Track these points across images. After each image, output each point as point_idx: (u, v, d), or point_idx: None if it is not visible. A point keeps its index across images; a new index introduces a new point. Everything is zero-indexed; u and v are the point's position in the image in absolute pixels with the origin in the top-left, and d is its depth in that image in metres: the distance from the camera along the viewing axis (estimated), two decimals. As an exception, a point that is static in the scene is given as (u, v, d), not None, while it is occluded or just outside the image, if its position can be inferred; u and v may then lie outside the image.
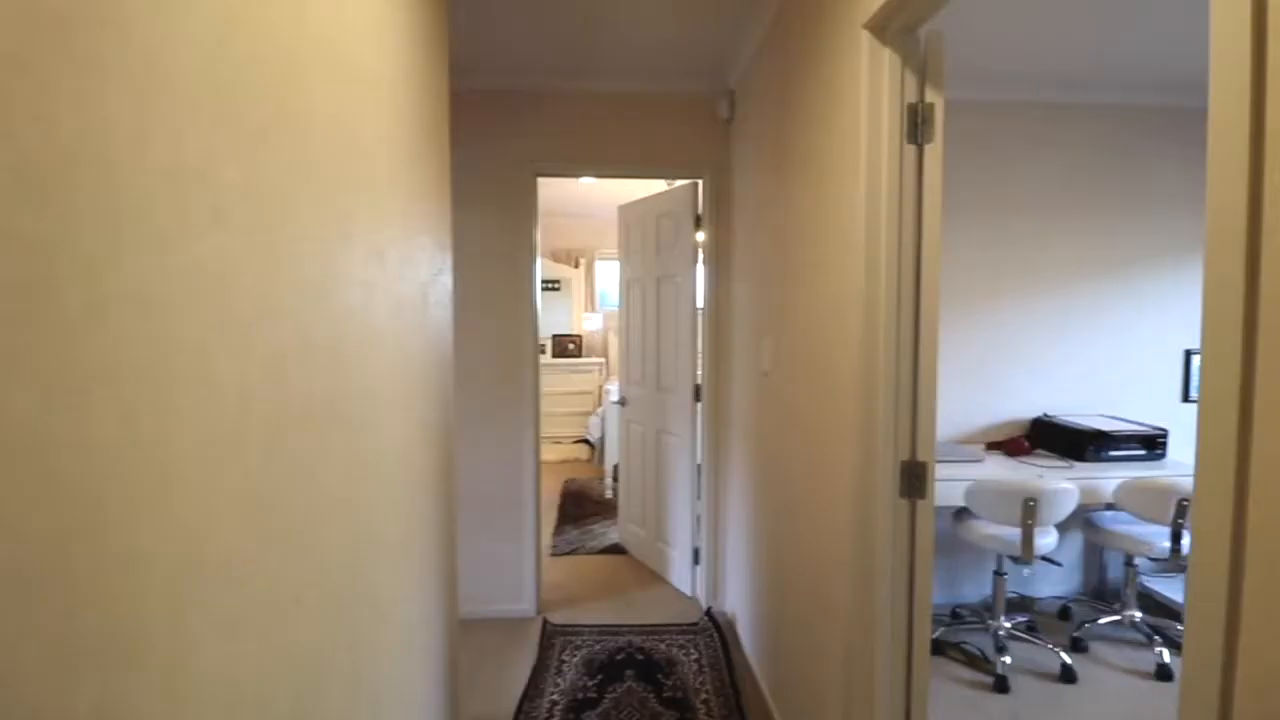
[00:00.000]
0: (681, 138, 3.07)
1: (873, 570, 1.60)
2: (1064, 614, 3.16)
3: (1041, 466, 2.84)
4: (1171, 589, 3.12)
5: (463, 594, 3.04)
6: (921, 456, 1.57)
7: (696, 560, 3.25)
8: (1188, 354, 3.34)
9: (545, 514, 4.55)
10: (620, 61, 2.85)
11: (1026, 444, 3.04)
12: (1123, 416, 3.27)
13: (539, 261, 3.12)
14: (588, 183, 5.33)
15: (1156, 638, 2.79)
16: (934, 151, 1.52)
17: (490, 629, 2.97)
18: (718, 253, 3.10)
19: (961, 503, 2.67)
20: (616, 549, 3.90)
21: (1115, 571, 3.34)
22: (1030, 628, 2.94)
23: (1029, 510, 2.46)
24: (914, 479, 1.57)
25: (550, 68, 2.92)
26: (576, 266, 7.20)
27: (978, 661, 2.72)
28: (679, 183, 3.28)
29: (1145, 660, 2.73)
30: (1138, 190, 3.27)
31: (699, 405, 3.19)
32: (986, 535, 2.65)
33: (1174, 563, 2.69)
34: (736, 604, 2.93)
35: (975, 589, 3.30)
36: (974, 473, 2.73)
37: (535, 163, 3.04)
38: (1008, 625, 2.77)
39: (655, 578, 3.51)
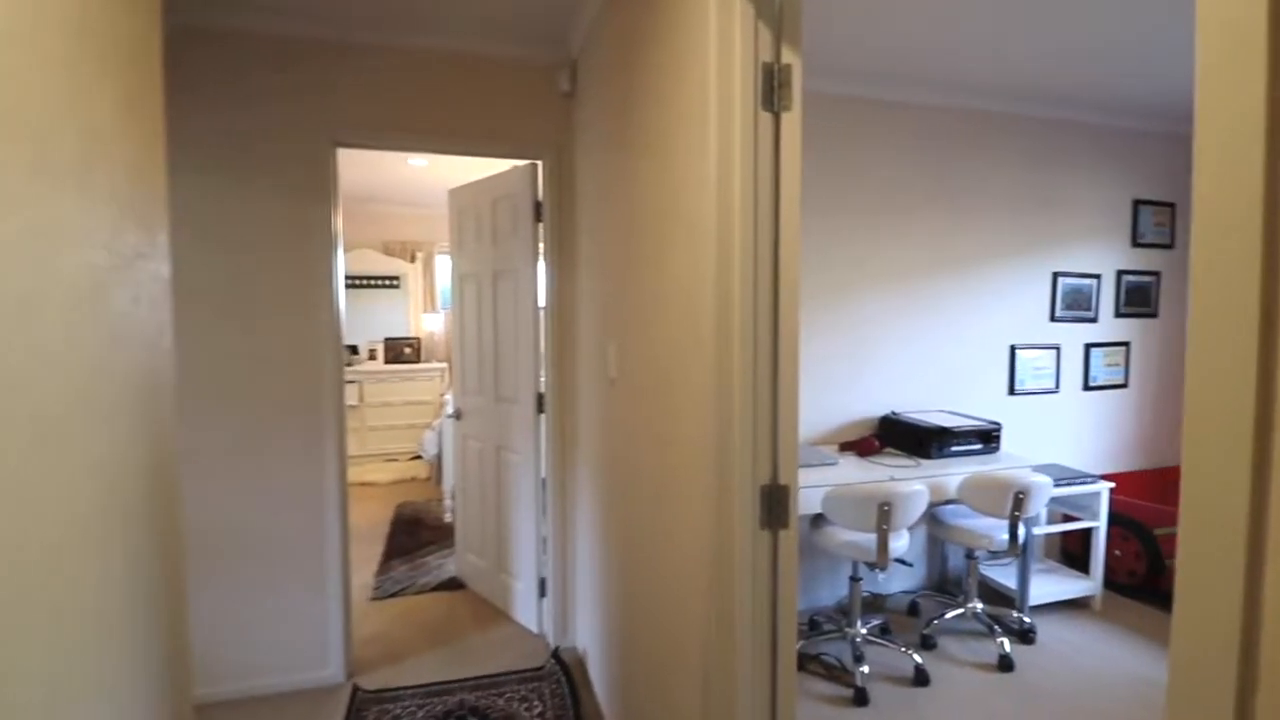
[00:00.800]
0: (518, 112, 2.68)
1: (732, 612, 1.32)
2: (913, 609, 3.17)
3: (891, 466, 2.79)
4: (1004, 575, 3.24)
5: (240, 665, 2.43)
6: (783, 479, 1.32)
7: (543, 592, 2.87)
8: (1013, 349, 3.52)
9: (367, 548, 3.93)
10: (445, 13, 2.40)
11: (877, 443, 3.01)
12: (961, 411, 3.37)
13: (340, 251, 2.57)
14: (419, 164, 4.75)
15: (996, 628, 2.86)
16: (792, 121, 1.27)
17: (278, 708, 2.38)
18: (561, 244, 2.74)
19: (818, 509, 2.54)
20: (454, 584, 3.41)
21: (955, 561, 3.44)
22: (883, 630, 2.90)
23: (884, 515, 2.37)
24: (775, 506, 1.31)
25: (359, 17, 2.40)
26: (413, 261, 6.51)
27: (837, 673, 2.61)
28: (517, 164, 2.88)
29: (988, 652, 2.77)
30: (975, 191, 3.39)
31: (543, 417, 2.82)
32: (843, 543, 2.54)
33: (1011, 553, 2.75)
34: (588, 639, 2.60)
35: (831, 593, 3.24)
36: (830, 477, 2.62)
37: (335, 130, 2.50)
38: (864, 631, 2.69)
39: (498, 615, 3.08)
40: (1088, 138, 3.57)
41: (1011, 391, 3.54)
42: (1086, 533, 3.32)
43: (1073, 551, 3.53)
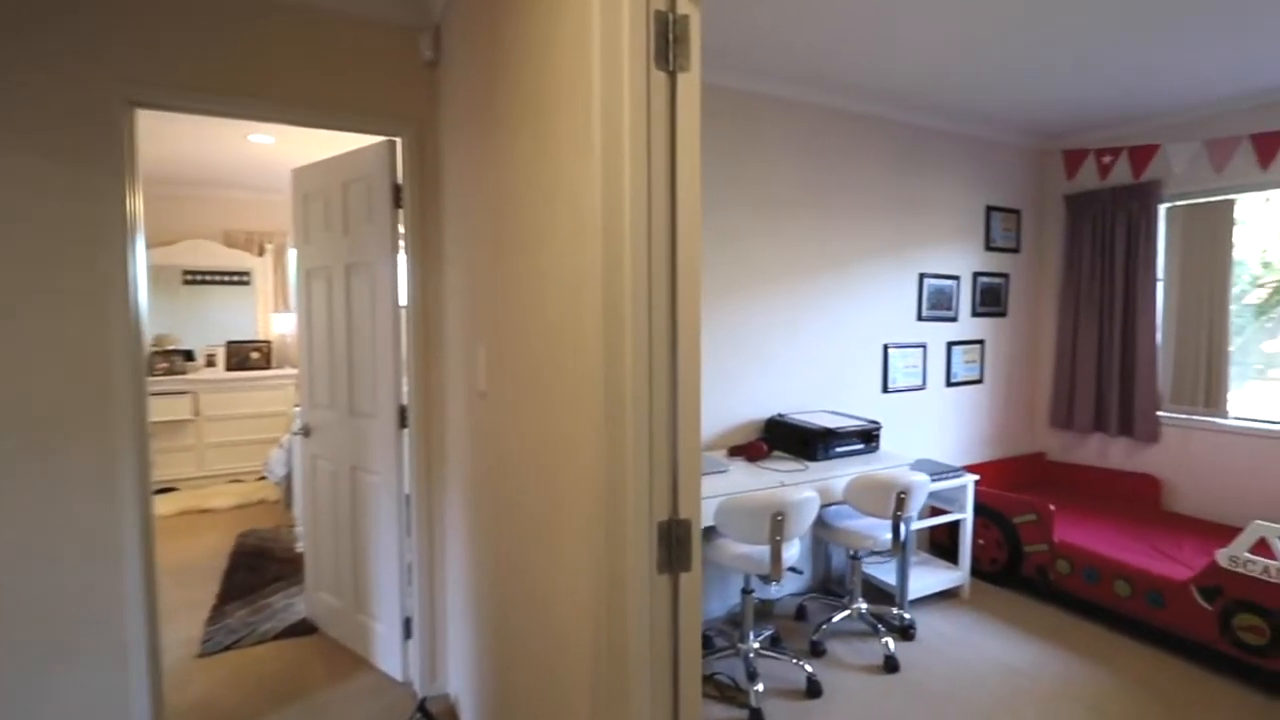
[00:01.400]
0: (373, 81, 2.31)
1: (625, 672, 1.11)
2: (800, 614, 3.16)
3: (781, 471, 2.73)
4: (883, 571, 3.32)
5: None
6: (685, 512, 1.13)
7: (408, 633, 2.53)
8: (886, 348, 3.62)
9: (198, 590, 3.35)
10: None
11: (765, 446, 2.95)
12: (842, 410, 3.41)
13: (140, 238, 2.08)
14: (264, 141, 4.14)
15: (880, 627, 2.89)
16: (690, 83, 1.09)
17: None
18: (424, 233, 2.41)
19: (709, 521, 2.41)
20: (305, 628, 2.95)
21: (839, 560, 3.48)
22: (774, 640, 2.84)
23: (777, 526, 2.28)
24: (676, 545, 1.12)
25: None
26: (261, 254, 5.75)
27: (731, 694, 2.50)
28: (373, 140, 2.51)
29: (874, 653, 2.79)
30: (852, 192, 3.43)
31: (406, 433, 2.47)
32: (736, 556, 2.43)
33: (893, 551, 2.79)
34: (460, 685, 2.30)
35: (721, 604, 3.14)
36: (721, 485, 2.50)
37: (134, 86, 2.01)
38: (756, 645, 2.60)
39: (356, 663, 2.68)
40: (949, 145, 3.75)
41: (885, 389, 3.64)
42: (954, 524, 3.48)
43: (941, 542, 3.70)
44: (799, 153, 3.23)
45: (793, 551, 2.43)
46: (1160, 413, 3.71)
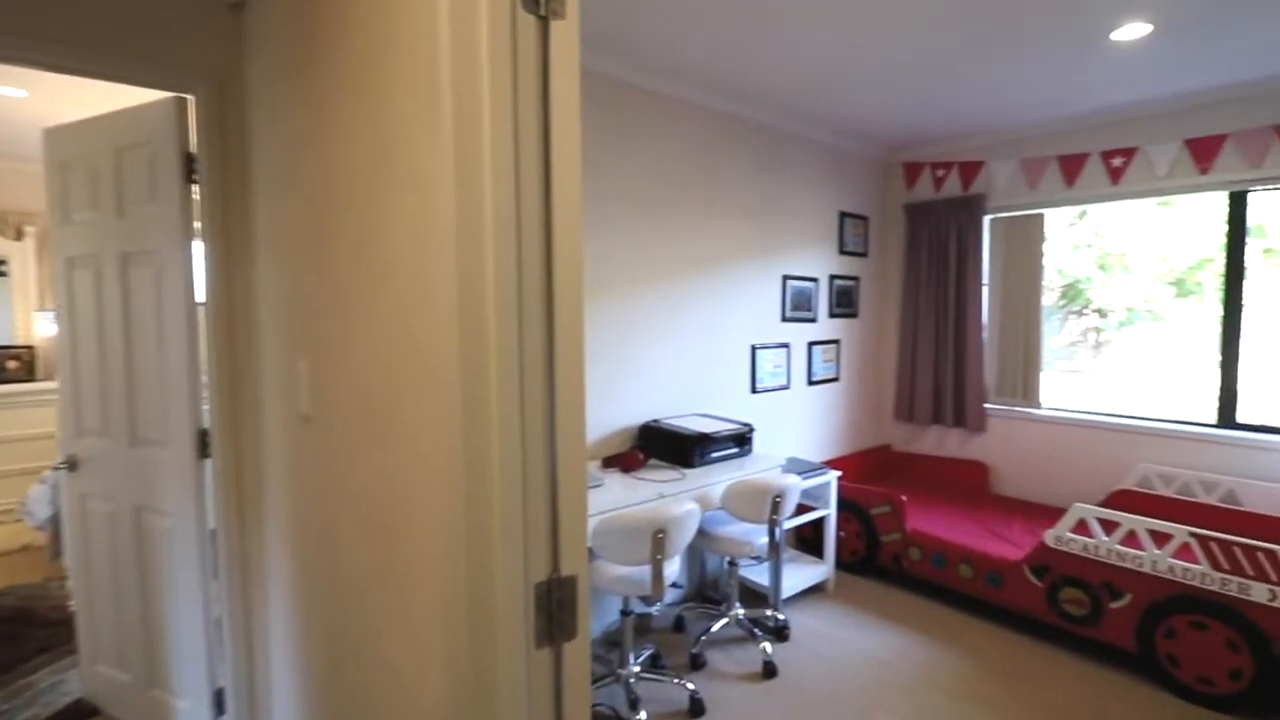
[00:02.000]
0: (157, 18, 1.82)
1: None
2: (679, 625, 3.05)
3: (659, 481, 2.59)
4: (756, 572, 3.31)
5: None
6: (569, 567, 0.91)
7: (221, 709, 2.05)
8: (754, 349, 3.63)
9: (-82, 675, 2.54)
10: None
11: (641, 456, 2.79)
12: (714, 413, 3.35)
13: None
14: (13, 95, 3.29)
15: (757, 631, 2.86)
16: (567, 32, 0.87)
17: None
18: (228, 215, 1.96)
19: (586, 544, 2.20)
20: (81, 711, 2.33)
21: (713, 564, 3.43)
22: (655, 660, 2.70)
23: (658, 544, 2.12)
24: (559, 610, 0.90)
25: None
26: (19, 239, 4.64)
27: (611, 725, 2.31)
28: (156, 97, 1.99)
29: (752, 659, 2.74)
30: (724, 192, 3.38)
31: (209, 464, 2.00)
32: (616, 579, 2.24)
33: (769, 555, 2.76)
34: (289, 765, 1.89)
35: (597, 623, 2.95)
36: (598, 501, 2.30)
37: None
38: (637, 669, 2.44)
39: (147, 750, 2.15)
40: (806, 151, 3.85)
41: (754, 390, 3.66)
42: (819, 519, 3.56)
43: (806, 537, 3.79)
44: (668, 149, 3.12)
45: (674, 568, 2.30)
46: (987, 405, 4.08)
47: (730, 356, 3.51)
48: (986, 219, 4.00)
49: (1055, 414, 3.87)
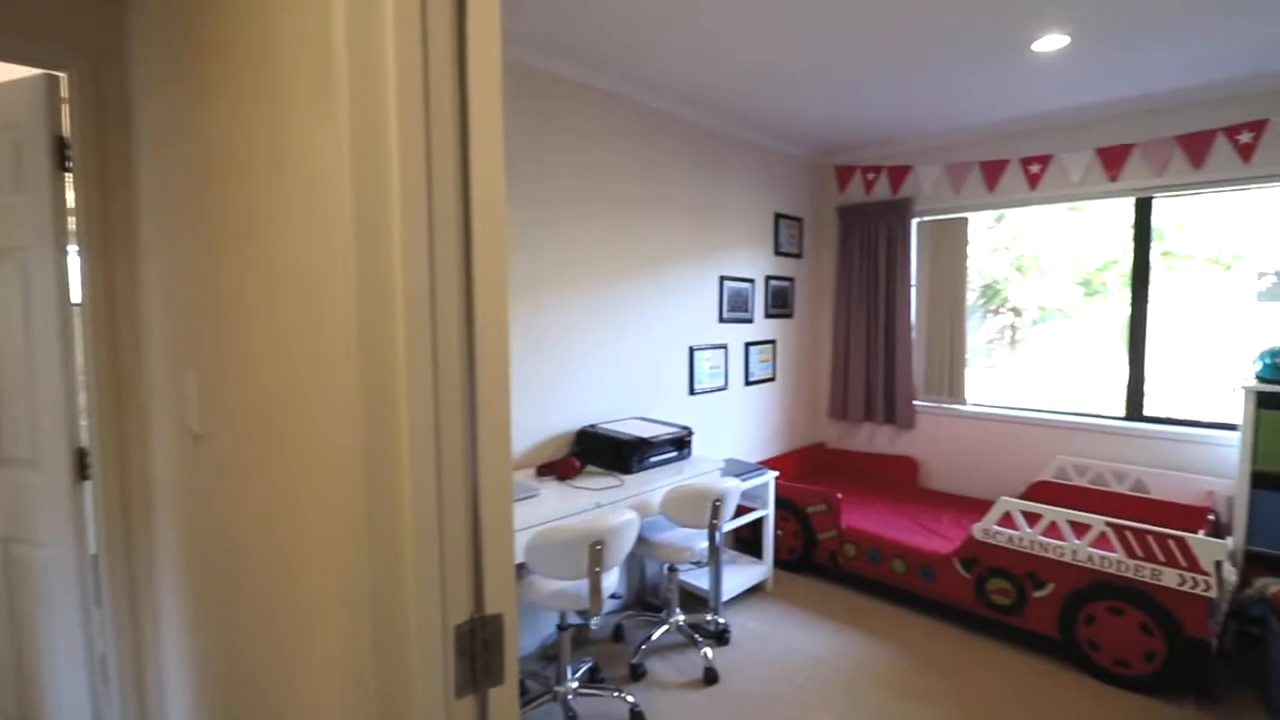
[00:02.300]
0: (13, -10, 1.59)
1: None
2: (618, 634, 2.97)
3: (596, 490, 2.50)
4: (696, 576, 3.27)
5: None
6: (494, 604, 0.82)
7: (103, 761, 1.83)
8: (692, 350, 3.59)
9: None
10: None
11: (577, 463, 2.70)
12: (653, 417, 3.29)
13: None
14: None
15: (698, 637, 2.81)
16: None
17: None
18: (109, 208, 1.74)
19: (520, 558, 2.09)
20: (-72, 771, 2.03)
21: (652, 570, 3.37)
22: (593, 673, 2.61)
23: (596, 556, 2.04)
24: (483, 652, 0.80)
25: None
26: None
27: (549, 746, 2.21)
28: (24, 75, 1.75)
29: (694, 666, 2.69)
30: (661, 192, 3.32)
31: (89, 488, 1.78)
32: (552, 594, 2.14)
33: (710, 560, 2.72)
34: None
35: (533, 637, 2.84)
36: (532, 513, 2.19)
37: None
38: (575, 685, 2.35)
39: (16, 813, 1.89)
40: (743, 152, 3.84)
41: (692, 391, 3.62)
42: (758, 519, 3.56)
43: (744, 537, 3.79)
44: (610, 148, 3.03)
45: (612, 579, 2.21)
46: (916, 402, 4.20)
47: (669, 358, 3.46)
48: (914, 222, 4.11)
49: (979, 410, 4.02)
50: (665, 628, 2.83)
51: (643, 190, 3.23)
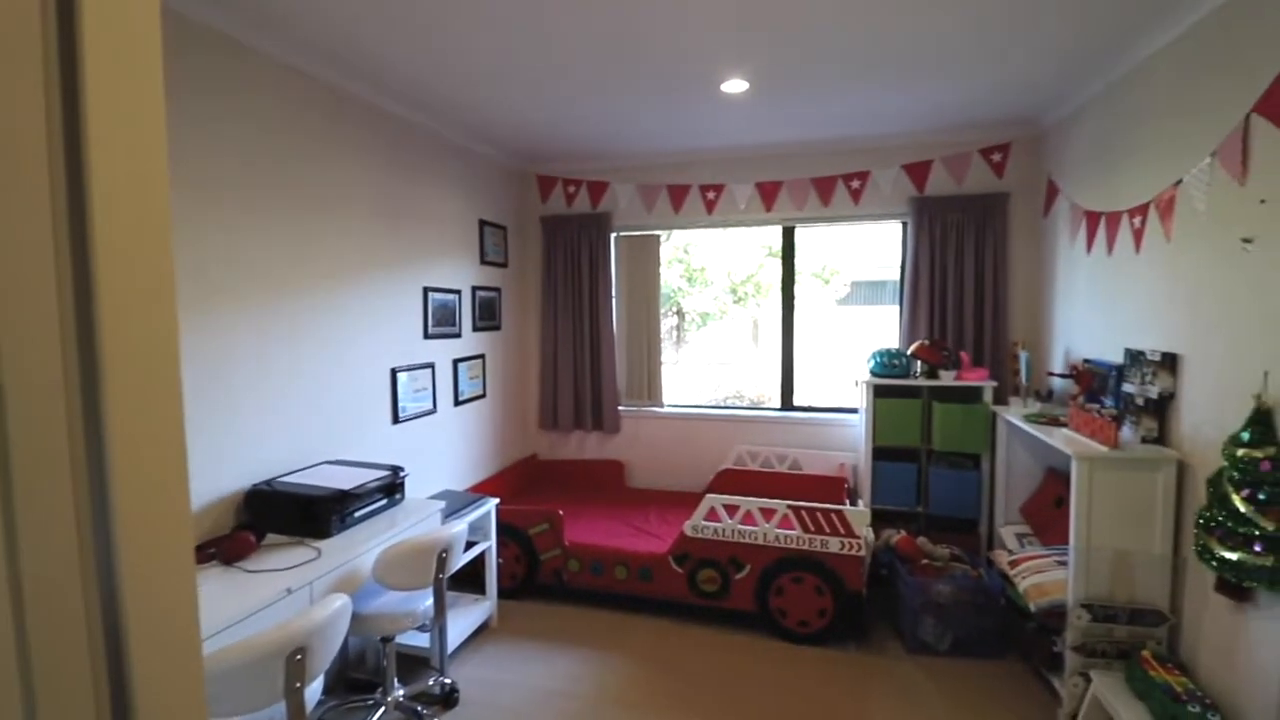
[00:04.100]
0: None
1: None
2: (320, 734, 2.41)
3: (282, 571, 1.94)
4: (415, 637, 2.85)
5: None
6: None
7: None
8: (394, 373, 3.13)
9: None
10: None
11: (251, 537, 2.07)
12: (351, 458, 2.75)
13: None
14: None
15: (422, 710, 2.44)
16: None
17: None
18: None
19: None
20: None
21: (357, 641, 2.83)
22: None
23: (296, 670, 1.55)
24: None
25: None
26: None
27: None
28: None
29: (422, 748, 2.32)
30: (345, 190, 2.76)
31: None
32: (228, 732, 1.57)
33: (436, 620, 2.36)
34: None
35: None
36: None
37: None
38: (269, 832, 1.79)
39: None
40: (444, 152, 3.49)
41: (396, 419, 3.17)
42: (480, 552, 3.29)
43: (462, 573, 3.47)
44: (273, 131, 2.39)
45: (315, 689, 1.73)
46: (620, 407, 4.39)
47: (368, 383, 2.94)
48: (613, 236, 4.28)
49: (673, 410, 4.39)
50: (382, 710, 2.38)
51: (328, 186, 2.67)
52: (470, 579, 3.33)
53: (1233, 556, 1.73)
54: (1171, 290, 2.23)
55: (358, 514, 2.30)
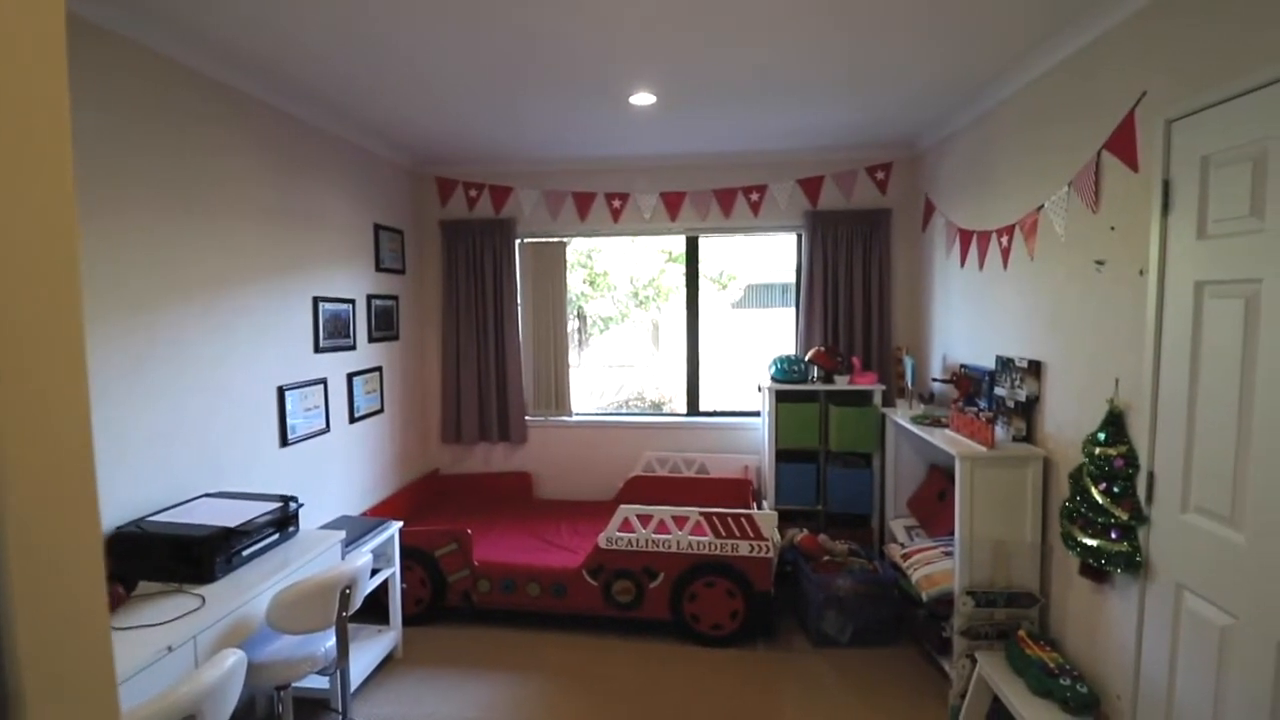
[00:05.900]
0: None
1: None
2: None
3: (160, 624, 1.72)
4: (314, 679, 2.63)
5: None
6: None
7: None
8: (282, 391, 2.87)
9: None
10: None
11: (120, 589, 1.82)
12: (235, 489, 2.50)
13: None
14: None
15: (328, 758, 2.26)
16: None
17: None
18: None
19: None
20: None
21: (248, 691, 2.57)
22: None
23: (186, 738, 1.38)
24: None
25: None
26: None
27: None
28: None
29: (326, 800, 2.14)
30: (230, 192, 2.49)
31: None
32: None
33: (339, 663, 2.19)
34: None
35: None
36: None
37: None
38: None
39: None
40: (335, 152, 3.25)
41: (285, 442, 2.91)
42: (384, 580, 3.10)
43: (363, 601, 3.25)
44: (143, 124, 2.11)
45: (208, 754, 1.55)
46: (527, 417, 4.30)
47: (252, 404, 2.68)
48: (518, 242, 4.17)
49: (581, 419, 4.35)
50: (279, 764, 2.18)
51: (202, 183, 2.39)
52: (371, 608, 3.12)
53: (1093, 543, 1.96)
54: (1035, 304, 2.49)
55: (245, 553, 2.09)
